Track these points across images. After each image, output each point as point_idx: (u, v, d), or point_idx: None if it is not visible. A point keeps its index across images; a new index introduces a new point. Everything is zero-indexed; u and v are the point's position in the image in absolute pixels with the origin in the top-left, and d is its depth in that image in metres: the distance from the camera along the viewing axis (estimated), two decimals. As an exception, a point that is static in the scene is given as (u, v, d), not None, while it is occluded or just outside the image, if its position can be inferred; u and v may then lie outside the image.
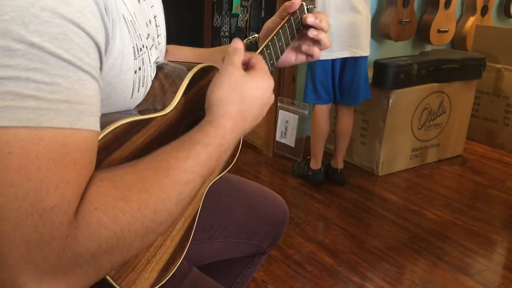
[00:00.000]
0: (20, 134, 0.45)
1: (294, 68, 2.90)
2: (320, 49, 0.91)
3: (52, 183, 0.46)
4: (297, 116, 1.01)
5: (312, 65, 2.44)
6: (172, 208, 0.55)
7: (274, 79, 0.79)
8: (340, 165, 2.66)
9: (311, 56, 0.91)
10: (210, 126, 0.62)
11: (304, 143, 2.72)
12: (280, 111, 1.31)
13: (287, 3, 0.88)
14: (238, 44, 0.71)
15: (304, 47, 0.91)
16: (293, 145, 0.98)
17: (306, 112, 2.32)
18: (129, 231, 0.50)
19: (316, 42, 0.89)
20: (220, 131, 0.62)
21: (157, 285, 0.66)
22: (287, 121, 1.02)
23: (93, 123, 0.50)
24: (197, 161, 0.58)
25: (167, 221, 0.55)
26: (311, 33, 0.87)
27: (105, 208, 0.49)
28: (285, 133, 0.98)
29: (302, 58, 0.94)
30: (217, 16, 3.60)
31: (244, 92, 0.66)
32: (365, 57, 2.44)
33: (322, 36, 0.87)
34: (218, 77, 0.66)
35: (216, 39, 3.66)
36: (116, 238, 0.49)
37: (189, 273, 0.82)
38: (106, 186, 0.50)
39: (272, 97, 0.72)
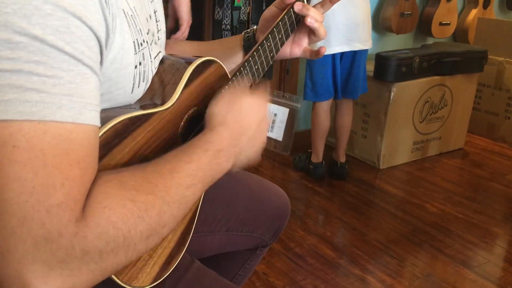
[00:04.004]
0: (24, 127, 0.44)
1: (288, 61, 2.89)
2: (315, 41, 0.91)
3: (58, 180, 0.45)
4: (287, 110, 1.00)
5: (311, 63, 2.42)
6: (175, 211, 0.56)
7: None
8: (341, 158, 2.65)
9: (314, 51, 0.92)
10: (209, 132, 0.65)
11: (293, 138, 2.71)
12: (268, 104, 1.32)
13: None
14: None
15: (304, 40, 0.92)
16: (280, 139, 0.98)
17: (299, 106, 2.34)
18: (135, 231, 0.50)
19: (311, 32, 0.89)
20: (218, 138, 0.65)
21: (159, 279, 0.66)
22: (275, 114, 1.02)
23: (94, 118, 0.50)
24: (198, 165, 0.60)
25: (170, 224, 0.56)
26: (308, 21, 0.85)
27: (114, 208, 0.49)
28: (272, 127, 0.98)
29: (296, 52, 0.94)
30: (218, 9, 3.58)
31: (241, 105, 0.70)
32: (365, 51, 2.42)
33: (317, 25, 0.86)
34: (223, 92, 0.71)
35: (217, 33, 3.64)
36: (123, 237, 0.49)
37: (192, 266, 0.83)
38: (113, 186, 0.51)
39: (266, 122, 0.75)
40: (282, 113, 1.05)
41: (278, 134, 1.03)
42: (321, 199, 2.44)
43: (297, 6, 0.86)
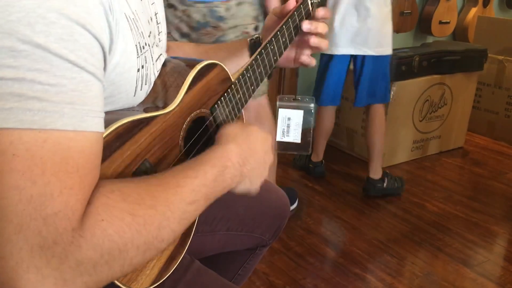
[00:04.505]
0: (25, 136, 0.44)
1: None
2: (317, 51, 0.94)
3: (56, 188, 0.45)
4: (301, 111, 1.00)
5: (319, 65, 2.40)
6: (175, 226, 0.56)
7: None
8: (371, 173, 2.43)
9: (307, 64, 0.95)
10: (218, 148, 0.66)
11: (312, 134, 2.72)
12: (280, 110, 1.31)
13: (284, 5, 0.89)
14: None
15: (304, 58, 0.94)
16: (299, 141, 0.98)
17: (312, 105, 2.36)
18: (132, 245, 0.50)
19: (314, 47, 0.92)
20: (227, 153, 0.65)
21: (159, 281, 0.67)
22: (289, 118, 1.02)
23: (97, 124, 0.50)
24: (203, 181, 0.60)
25: (169, 239, 0.56)
26: (312, 41, 0.89)
27: (112, 221, 0.49)
28: (288, 131, 0.98)
29: (297, 63, 0.96)
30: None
31: (251, 132, 0.72)
32: (375, 57, 2.28)
33: (322, 44, 0.90)
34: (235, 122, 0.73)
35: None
36: (118, 250, 0.49)
37: (191, 266, 0.83)
38: (115, 198, 0.50)
39: (270, 156, 0.76)
40: (296, 116, 1.07)
41: (295, 137, 1.05)
42: (321, 198, 2.45)
43: (305, 25, 0.88)
